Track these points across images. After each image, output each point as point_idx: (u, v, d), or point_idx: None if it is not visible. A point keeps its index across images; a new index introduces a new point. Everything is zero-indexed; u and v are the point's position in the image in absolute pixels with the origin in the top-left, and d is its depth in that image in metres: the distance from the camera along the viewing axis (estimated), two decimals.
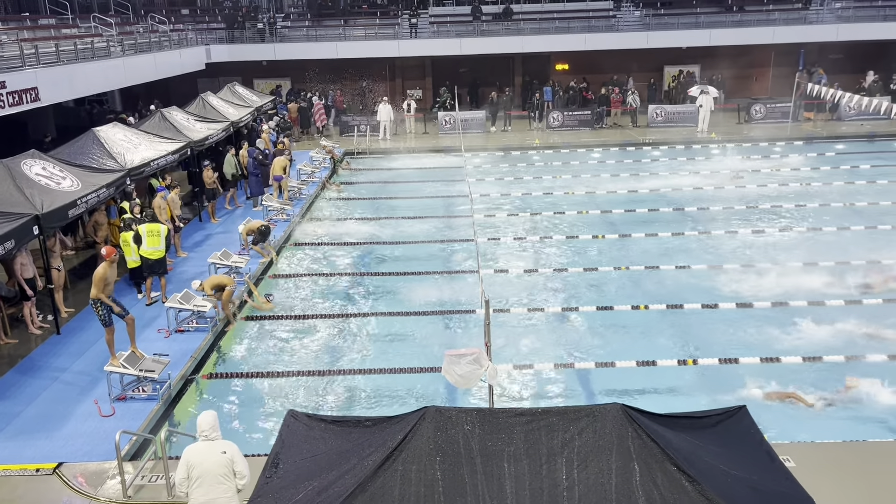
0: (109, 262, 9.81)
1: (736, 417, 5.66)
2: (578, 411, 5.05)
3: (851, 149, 24.61)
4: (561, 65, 33.48)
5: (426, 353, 11.17)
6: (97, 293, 9.69)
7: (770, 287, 13.25)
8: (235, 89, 25.03)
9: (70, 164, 13.44)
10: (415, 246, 16.28)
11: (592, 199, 19.63)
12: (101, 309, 9.78)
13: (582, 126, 28.80)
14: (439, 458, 4.84)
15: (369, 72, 32.47)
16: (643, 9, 32.52)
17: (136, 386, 9.74)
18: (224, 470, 6.29)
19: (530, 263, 14.98)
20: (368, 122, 27.99)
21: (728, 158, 23.88)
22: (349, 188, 22.19)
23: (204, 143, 18.12)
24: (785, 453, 7.57)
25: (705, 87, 28.05)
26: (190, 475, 6.29)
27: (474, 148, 25.81)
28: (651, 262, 14.62)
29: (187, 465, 6.30)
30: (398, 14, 32.75)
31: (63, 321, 11.97)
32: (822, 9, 31.82)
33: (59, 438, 8.82)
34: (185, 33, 27.87)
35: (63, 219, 11.99)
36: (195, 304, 11.69)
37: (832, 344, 11.02)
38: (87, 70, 18.89)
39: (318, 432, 5.49)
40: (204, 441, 6.38)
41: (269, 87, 32.39)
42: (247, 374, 10.81)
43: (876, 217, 16.90)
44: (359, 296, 13.75)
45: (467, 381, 7.25)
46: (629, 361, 10.54)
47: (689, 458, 4.83)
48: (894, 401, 9.55)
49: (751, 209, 18.03)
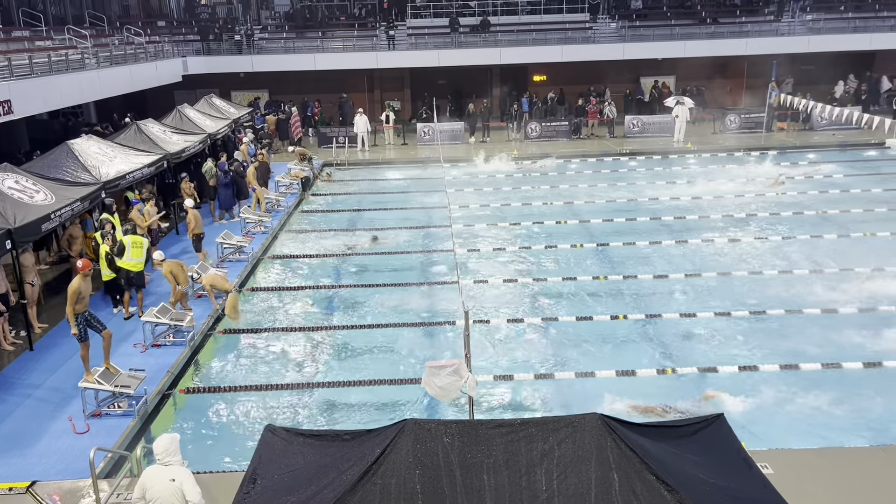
0: (83, 275, 9.66)
1: (714, 426, 5.70)
2: (558, 422, 5.06)
3: (823, 158, 25.02)
4: (539, 76, 33.74)
5: (406, 364, 11.14)
6: (73, 310, 9.54)
7: (748, 295, 13.42)
8: (213, 101, 24.89)
9: (44, 177, 13.26)
10: (393, 257, 16.26)
11: (571, 208, 19.74)
12: (78, 323, 9.64)
13: (559, 136, 29.03)
14: (419, 470, 4.82)
15: (348, 84, 32.47)
16: (619, 21, 32.90)
17: (112, 402, 9.60)
18: (173, 498, 6.23)
19: (510, 274, 15.01)
20: (347, 134, 27.98)
21: (709, 169, 24.15)
22: (327, 199, 22.13)
23: (181, 156, 17.98)
24: (763, 460, 7.64)
25: (681, 98, 28.42)
26: (145, 497, 6.28)
27: (453, 159, 25.88)
28: (629, 272, 14.72)
29: (142, 487, 6.31)
30: (376, 26, 32.82)
31: (37, 337, 11.77)
32: (794, 21, 32.41)
33: (33, 456, 8.65)
34: (161, 45, 27.68)
35: (36, 233, 11.81)
36: (172, 318, 11.56)
37: (810, 352, 11.17)
38: (61, 82, 18.68)
39: (296, 447, 5.44)
40: (159, 465, 6.31)
41: (247, 98, 32.26)
42: (225, 388, 10.69)
43: (847, 225, 17.20)
44: (337, 308, 13.68)
45: (447, 392, 7.25)
46: (609, 371, 10.59)
47: (668, 467, 4.85)
48: (872, 407, 9.69)
49: (727, 218, 18.23)
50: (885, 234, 16.35)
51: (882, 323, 11.94)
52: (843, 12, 32.64)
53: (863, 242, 16.02)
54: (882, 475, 7.78)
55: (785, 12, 32.70)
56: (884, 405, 9.71)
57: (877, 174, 22.35)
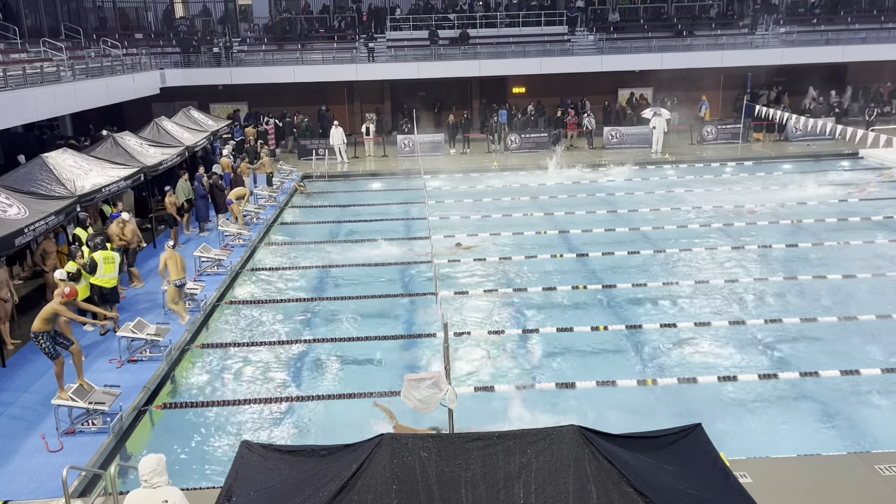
0: (69, 302, 9.53)
1: (692, 436, 5.70)
2: (535, 434, 5.03)
3: (798, 168, 25.39)
4: (518, 88, 33.95)
5: (385, 377, 11.07)
6: (41, 327, 9.38)
7: (726, 305, 13.52)
8: (191, 114, 24.73)
9: (17, 191, 13.06)
10: (372, 269, 16.19)
11: (551, 219, 19.81)
12: (43, 342, 9.47)
13: (539, 148, 29.17)
14: (395, 486, 4.77)
15: (327, 96, 32.45)
16: (597, 33, 33.22)
17: (86, 419, 9.43)
18: None
19: (490, 285, 15.01)
20: (326, 147, 27.92)
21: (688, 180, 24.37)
22: (307, 212, 22.04)
23: (158, 169, 17.82)
24: (741, 469, 7.68)
25: (658, 110, 28.71)
26: None
27: (433, 170, 25.91)
28: (608, 281, 14.78)
29: None
30: (355, 38, 32.87)
31: (9, 353, 11.56)
32: (768, 34, 32.93)
33: (5, 475, 8.47)
34: (138, 58, 27.50)
35: (9, 247, 11.60)
36: (148, 333, 11.41)
37: (788, 359, 11.27)
38: (35, 95, 18.46)
39: (272, 462, 5.36)
40: (145, 488, 5.91)
41: (226, 111, 32.13)
42: (202, 403, 10.56)
43: (820, 234, 17.44)
44: (316, 321, 13.60)
45: (427, 405, 7.19)
46: (589, 382, 10.59)
47: (646, 479, 4.84)
48: (848, 413, 9.78)
49: (704, 227, 18.39)
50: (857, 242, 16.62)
51: (861, 331, 12.09)
52: (816, 25, 33.22)
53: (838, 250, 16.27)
54: (860, 483, 7.83)
55: (759, 25, 33.21)
56: (862, 412, 9.80)
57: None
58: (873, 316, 12.45)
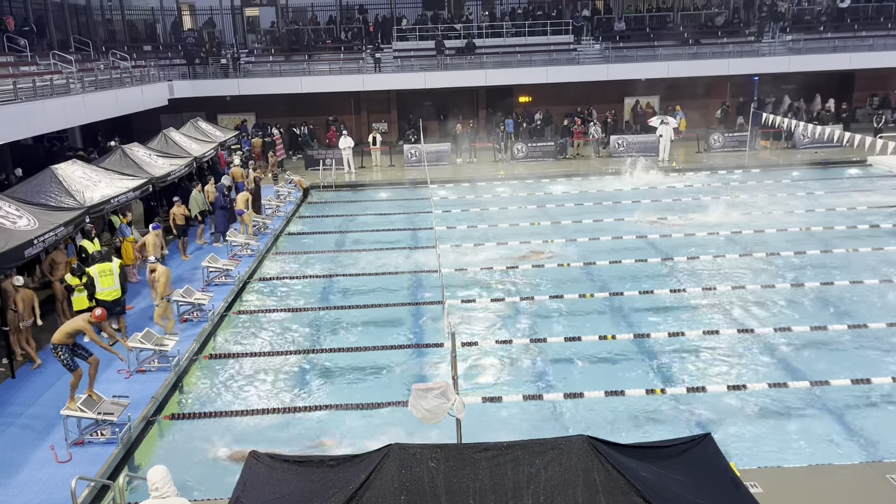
0: (95, 322, 9.63)
1: (701, 445, 5.67)
2: (544, 444, 5.01)
3: (806, 175, 25.30)
4: (524, 97, 34.01)
5: (392, 387, 11.05)
6: (62, 340, 9.43)
7: (735, 311, 13.46)
8: (198, 125, 24.88)
9: (27, 202, 13.16)
10: (380, 278, 16.19)
11: (558, 228, 19.79)
12: (63, 354, 9.52)
13: (546, 157, 29.19)
14: (404, 496, 4.76)
15: (334, 106, 32.59)
16: (603, 42, 33.26)
17: (95, 430, 9.46)
18: None
19: (497, 294, 14.99)
20: (334, 156, 28.02)
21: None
22: (314, 222, 22.10)
23: (166, 180, 17.92)
24: (752, 479, 7.62)
25: (665, 118, 28.70)
26: None
27: (440, 180, 25.95)
28: (616, 289, 14.73)
29: None
30: (362, 49, 33.03)
31: (18, 364, 11.61)
32: (774, 41, 32.89)
33: (14, 486, 8.50)
34: (147, 69, 27.70)
35: (19, 258, 11.68)
36: (156, 344, 11.45)
37: (798, 369, 11.20)
38: (45, 107, 18.61)
39: (280, 473, 5.36)
40: (155, 498, 5.95)
41: (234, 121, 32.31)
42: (210, 413, 10.56)
43: (830, 241, 17.36)
44: (324, 331, 13.60)
45: (435, 415, 7.17)
46: (598, 391, 10.55)
47: (656, 489, 4.81)
48: (859, 422, 9.71)
49: (712, 236, 18.32)
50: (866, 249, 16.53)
51: (872, 339, 12.01)
52: (823, 32, 33.17)
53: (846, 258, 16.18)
54: (872, 492, 7.76)
55: (765, 33, 33.20)
56: (873, 421, 9.72)
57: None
58: (883, 324, 12.37)
